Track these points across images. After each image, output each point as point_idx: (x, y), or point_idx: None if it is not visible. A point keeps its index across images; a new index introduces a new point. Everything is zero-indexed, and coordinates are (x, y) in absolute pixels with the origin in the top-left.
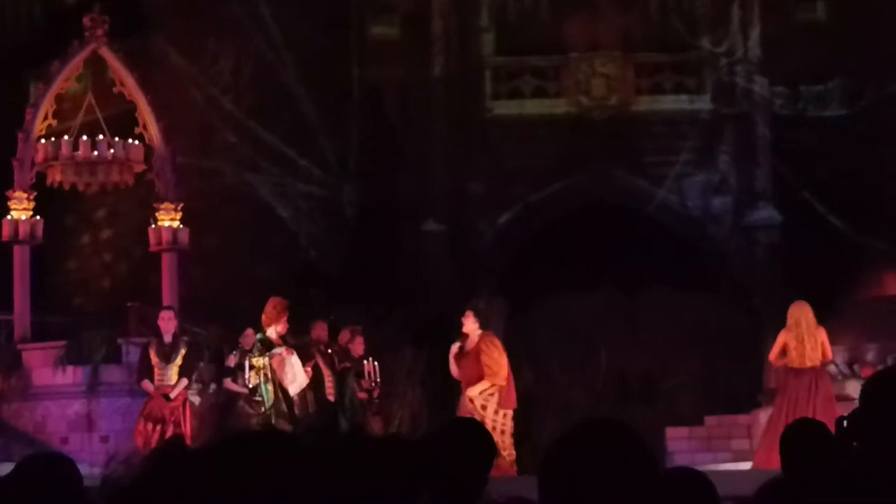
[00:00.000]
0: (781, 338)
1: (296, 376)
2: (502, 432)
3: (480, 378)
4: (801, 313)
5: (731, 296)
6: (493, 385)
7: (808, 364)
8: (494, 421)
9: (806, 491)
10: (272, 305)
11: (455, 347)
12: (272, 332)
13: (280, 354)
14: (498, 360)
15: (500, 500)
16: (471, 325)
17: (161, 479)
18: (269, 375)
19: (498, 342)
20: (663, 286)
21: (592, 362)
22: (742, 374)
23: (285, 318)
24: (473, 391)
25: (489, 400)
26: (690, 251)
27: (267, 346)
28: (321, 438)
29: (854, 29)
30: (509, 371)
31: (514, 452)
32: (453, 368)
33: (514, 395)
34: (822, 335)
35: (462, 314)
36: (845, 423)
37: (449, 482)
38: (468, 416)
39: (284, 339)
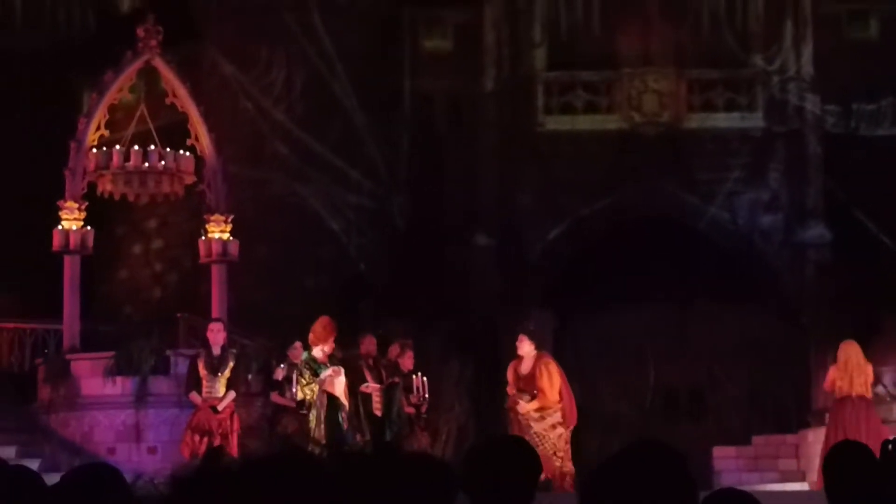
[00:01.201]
0: (831, 374)
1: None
2: (559, 437)
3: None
4: (850, 351)
5: (780, 313)
6: (541, 407)
7: (856, 393)
8: (545, 431)
9: None
10: (321, 325)
11: (511, 369)
12: (318, 351)
13: (329, 376)
14: (550, 385)
15: None
16: (526, 348)
17: (190, 496)
18: (320, 401)
19: (553, 365)
20: (712, 302)
21: (640, 377)
22: (790, 392)
23: (333, 338)
24: (525, 408)
25: (548, 415)
26: (740, 268)
27: (314, 366)
28: (349, 458)
29: None
30: (569, 390)
31: (572, 468)
32: (512, 389)
33: (574, 413)
34: (870, 370)
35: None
36: (891, 447)
37: (493, 499)
38: (518, 427)
39: (332, 357)
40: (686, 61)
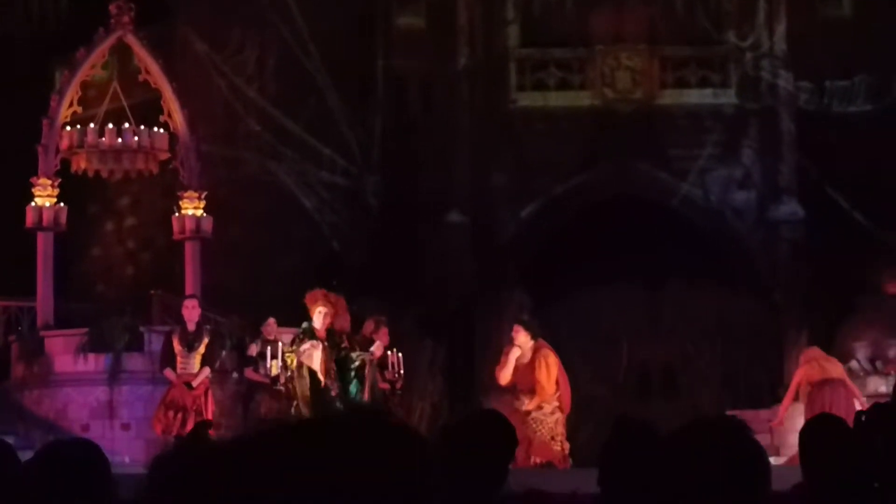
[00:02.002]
0: (798, 374)
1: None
2: (556, 421)
3: (533, 387)
4: (814, 352)
5: (753, 290)
6: (543, 401)
7: (835, 375)
8: (544, 417)
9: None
10: (306, 299)
11: (509, 356)
12: (317, 321)
13: (307, 350)
14: (548, 378)
15: (519, 491)
16: (522, 339)
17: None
18: (298, 372)
19: (552, 356)
20: (685, 280)
21: (614, 356)
22: (763, 369)
23: (321, 307)
24: (528, 405)
25: (545, 405)
26: (713, 245)
27: (308, 335)
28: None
29: (880, 24)
30: (566, 379)
31: (567, 444)
32: (506, 374)
33: (569, 399)
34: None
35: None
36: (864, 417)
37: (469, 473)
38: (516, 414)
39: (330, 331)
40: (659, 38)
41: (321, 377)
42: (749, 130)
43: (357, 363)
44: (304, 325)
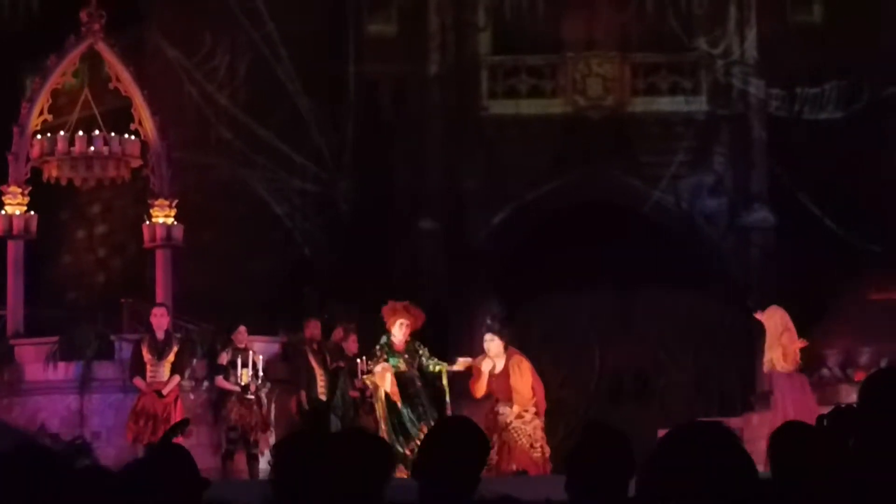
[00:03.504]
0: (784, 341)
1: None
2: (535, 428)
3: (510, 395)
4: (785, 315)
5: (725, 297)
6: (523, 409)
7: (796, 367)
8: (524, 425)
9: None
10: (384, 312)
11: (481, 368)
12: (398, 334)
13: (380, 372)
14: (523, 383)
15: (491, 498)
16: (495, 349)
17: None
18: (376, 395)
19: (525, 362)
20: (657, 286)
21: (586, 361)
22: (735, 375)
23: (403, 319)
24: (510, 415)
25: (524, 412)
26: (685, 252)
27: (386, 351)
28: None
29: (851, 31)
30: (540, 384)
31: (548, 449)
32: (480, 387)
33: (544, 403)
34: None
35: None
36: (825, 422)
37: (440, 480)
38: (495, 423)
39: (409, 344)
40: (630, 45)
41: (395, 399)
42: (720, 137)
43: (437, 378)
44: (383, 339)
